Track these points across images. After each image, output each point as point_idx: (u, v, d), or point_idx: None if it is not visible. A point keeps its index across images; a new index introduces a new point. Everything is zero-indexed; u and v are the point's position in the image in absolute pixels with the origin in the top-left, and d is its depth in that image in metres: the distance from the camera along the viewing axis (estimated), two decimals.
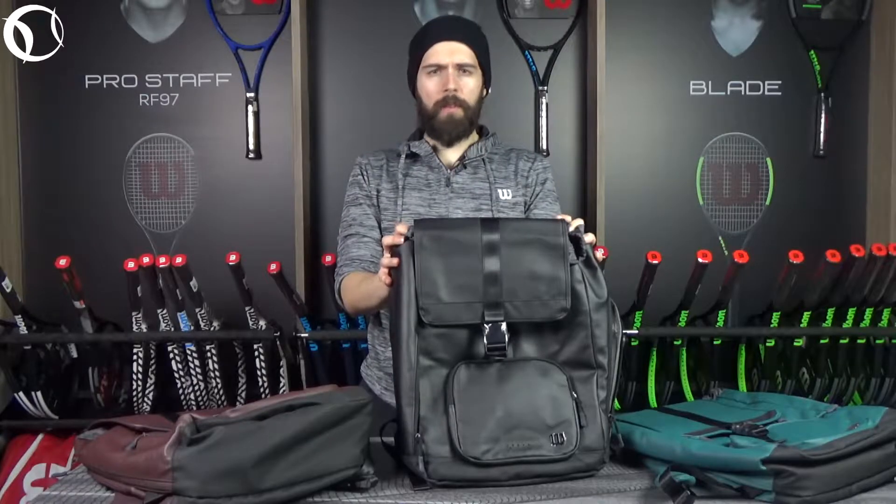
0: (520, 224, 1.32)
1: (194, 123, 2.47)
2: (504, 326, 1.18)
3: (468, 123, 1.65)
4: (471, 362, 1.20)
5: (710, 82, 2.50)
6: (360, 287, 1.55)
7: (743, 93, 2.50)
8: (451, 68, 1.60)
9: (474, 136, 1.72)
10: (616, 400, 2.06)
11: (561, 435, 1.17)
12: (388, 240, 1.26)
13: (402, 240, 1.22)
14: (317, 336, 2.13)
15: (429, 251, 1.19)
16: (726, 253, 2.47)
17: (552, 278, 1.20)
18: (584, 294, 1.22)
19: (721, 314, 2.08)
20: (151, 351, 2.12)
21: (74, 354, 2.22)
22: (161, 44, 2.47)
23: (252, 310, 2.08)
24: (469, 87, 1.63)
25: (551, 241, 1.21)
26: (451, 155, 1.69)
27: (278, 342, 2.07)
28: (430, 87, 1.63)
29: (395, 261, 1.23)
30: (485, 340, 1.18)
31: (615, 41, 2.38)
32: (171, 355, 2.08)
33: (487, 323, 1.18)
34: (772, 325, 2.07)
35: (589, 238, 1.25)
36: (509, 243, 1.20)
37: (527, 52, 2.47)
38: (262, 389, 2.10)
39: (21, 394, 2.10)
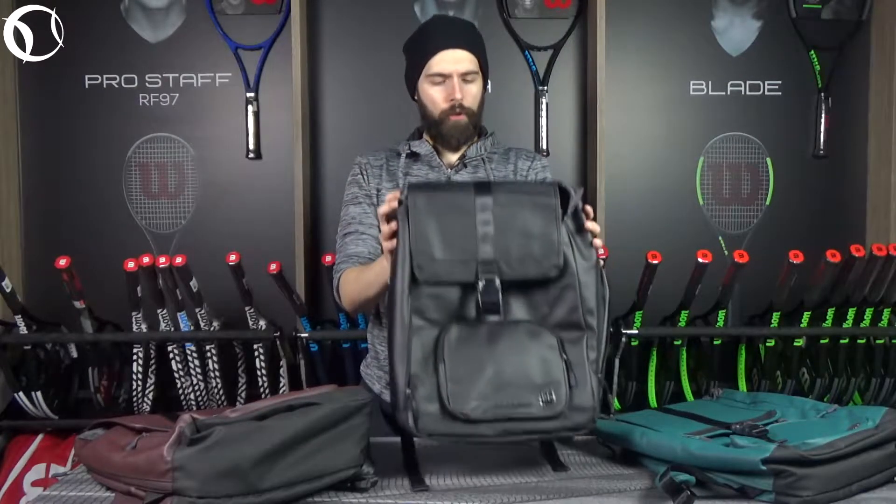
0: (512, 185, 1.33)
1: (194, 123, 2.47)
2: (498, 282, 1.19)
3: (472, 128, 1.67)
4: (462, 322, 1.21)
5: (710, 82, 2.50)
6: (358, 279, 1.55)
7: (743, 93, 2.50)
8: (455, 77, 1.61)
9: (473, 136, 1.72)
10: (616, 400, 2.08)
11: (550, 393, 1.17)
12: (383, 209, 1.27)
13: (397, 204, 1.22)
14: (317, 336, 2.13)
15: (423, 211, 1.19)
16: (726, 253, 2.47)
17: (545, 236, 1.21)
18: (571, 256, 1.22)
19: (721, 314, 2.08)
20: (151, 351, 2.12)
21: (74, 354, 2.22)
22: (161, 44, 2.47)
23: (252, 310, 2.08)
24: (473, 93, 1.65)
25: (543, 202, 1.22)
26: (452, 154, 1.70)
27: (278, 342, 2.07)
28: (435, 97, 1.64)
29: (394, 226, 1.23)
30: (479, 297, 1.18)
31: (615, 41, 2.39)
32: (171, 355, 2.09)
33: (481, 280, 1.19)
34: (772, 325, 2.07)
35: (588, 210, 1.25)
36: (502, 203, 1.21)
37: (527, 52, 2.47)
38: (262, 389, 2.10)
39: (21, 394, 2.10)
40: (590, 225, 1.24)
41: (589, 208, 1.25)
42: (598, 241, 1.26)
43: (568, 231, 1.23)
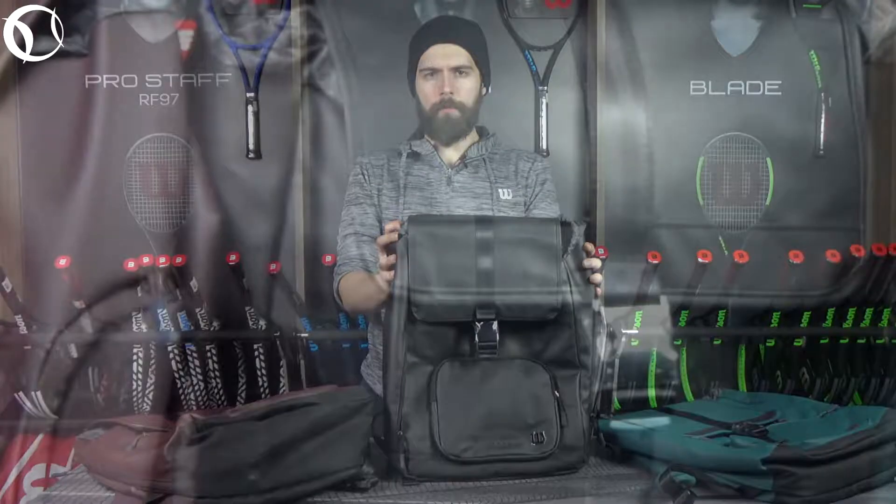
0: (514, 223, 1.33)
1: (194, 123, 2.47)
2: (495, 325, 1.19)
3: (466, 124, 1.67)
4: (455, 360, 1.21)
5: (710, 82, 2.49)
6: (358, 289, 1.56)
7: (743, 93, 2.50)
8: (445, 71, 1.62)
9: (475, 136, 1.73)
10: (616, 400, 2.08)
11: (541, 434, 1.19)
12: (382, 239, 1.27)
13: (396, 237, 1.22)
14: (317, 336, 2.13)
15: (423, 248, 1.19)
16: (726, 253, 2.46)
17: (544, 278, 1.21)
18: (568, 295, 1.22)
19: (721, 314, 2.07)
20: (151, 351, 2.12)
21: (74, 354, 2.22)
22: (161, 44, 2.47)
23: (252, 310, 2.07)
24: (465, 88, 1.64)
25: (544, 241, 1.22)
26: (452, 154, 1.70)
27: (278, 342, 2.07)
28: (426, 91, 1.65)
29: (392, 259, 1.23)
30: (476, 339, 1.19)
31: (615, 41, 2.38)
32: (171, 355, 2.08)
33: (479, 321, 1.18)
34: (772, 325, 2.07)
35: (589, 248, 1.25)
36: (503, 242, 1.21)
37: (527, 52, 2.47)
38: (262, 389, 2.10)
39: (21, 394, 2.09)
40: (587, 263, 1.24)
41: (590, 246, 1.25)
42: (597, 277, 1.25)
43: (567, 268, 1.23)
